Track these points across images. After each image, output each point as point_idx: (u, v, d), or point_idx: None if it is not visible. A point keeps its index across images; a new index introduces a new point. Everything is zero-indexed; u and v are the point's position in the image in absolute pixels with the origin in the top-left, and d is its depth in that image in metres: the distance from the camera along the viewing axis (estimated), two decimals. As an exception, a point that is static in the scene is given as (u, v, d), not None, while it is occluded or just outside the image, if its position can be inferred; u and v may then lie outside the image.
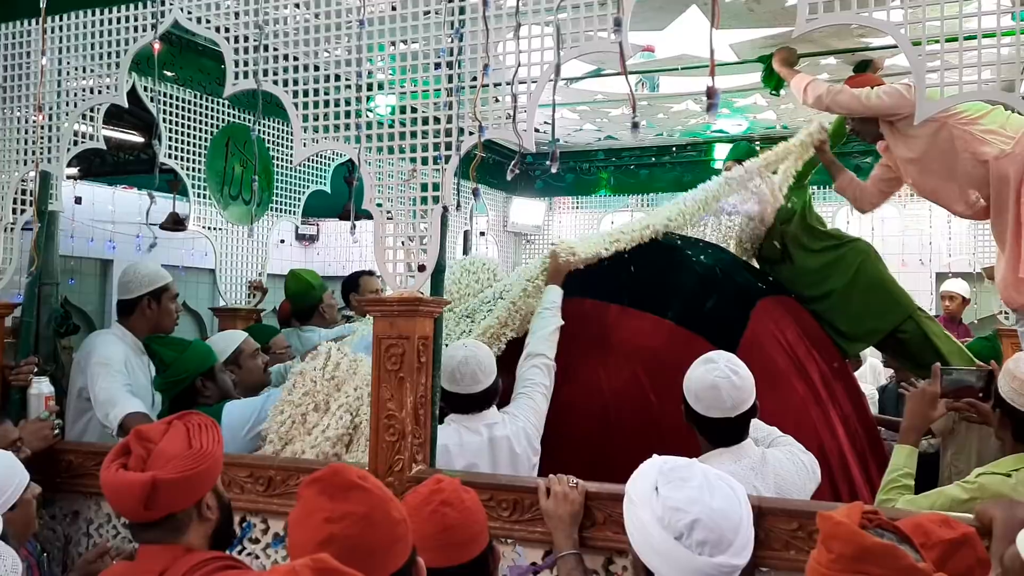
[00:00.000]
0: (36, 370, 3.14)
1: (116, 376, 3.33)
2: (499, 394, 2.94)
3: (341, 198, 6.05)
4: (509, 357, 3.15)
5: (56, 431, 3.05)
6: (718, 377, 2.46)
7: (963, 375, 2.65)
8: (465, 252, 6.95)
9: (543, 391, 3.02)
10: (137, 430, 1.89)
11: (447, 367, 2.82)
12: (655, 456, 1.81)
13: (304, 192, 5.50)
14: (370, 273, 4.91)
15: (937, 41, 2.13)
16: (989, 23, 2.07)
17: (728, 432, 2.50)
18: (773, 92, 4.35)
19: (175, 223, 6.03)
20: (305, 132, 2.75)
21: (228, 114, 4.86)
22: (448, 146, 2.56)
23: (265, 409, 3.08)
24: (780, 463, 2.52)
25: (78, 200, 7.67)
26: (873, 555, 1.32)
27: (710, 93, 1.79)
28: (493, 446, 2.82)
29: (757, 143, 6.36)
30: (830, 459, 3.18)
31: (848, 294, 3.84)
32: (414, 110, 2.63)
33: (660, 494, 1.68)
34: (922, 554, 1.36)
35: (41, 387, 3.09)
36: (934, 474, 3.38)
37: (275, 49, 2.79)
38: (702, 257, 3.63)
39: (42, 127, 3.15)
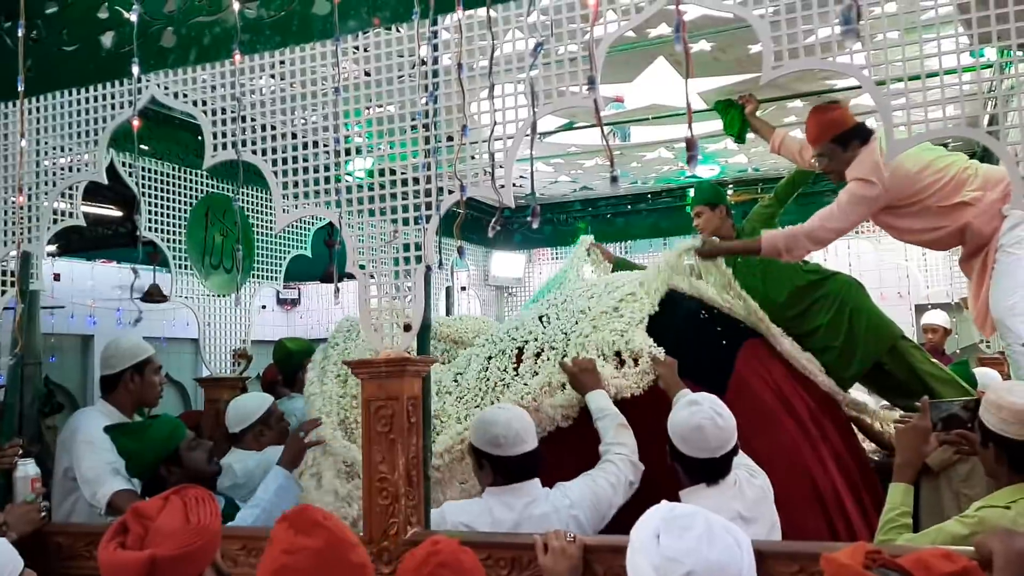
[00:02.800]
0: (21, 452, 3.10)
1: (102, 454, 3.27)
2: (542, 462, 2.82)
3: (321, 261, 6.06)
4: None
5: (43, 513, 2.99)
6: (703, 419, 2.55)
7: (952, 407, 2.65)
8: (448, 309, 6.99)
9: (611, 479, 2.84)
10: (134, 507, 1.86)
11: (488, 432, 2.74)
12: (663, 502, 1.81)
13: (285, 257, 5.51)
14: None
15: (901, 80, 2.19)
16: (950, 61, 2.13)
17: (712, 471, 2.58)
18: (737, 140, 4.41)
19: (154, 295, 6.02)
20: (285, 199, 2.77)
21: (207, 184, 4.88)
22: (428, 206, 2.58)
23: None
24: (755, 487, 2.64)
25: (57, 277, 7.64)
26: (879, 594, 1.31)
27: (690, 145, 1.81)
28: (531, 525, 2.65)
29: (730, 187, 6.48)
30: (824, 496, 3.17)
31: (835, 327, 3.87)
32: (393, 172, 2.65)
33: (660, 542, 1.67)
34: (926, 590, 1.36)
35: (27, 469, 3.03)
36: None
37: (252, 119, 2.82)
38: (685, 301, 3.64)
39: (22, 207, 3.16)
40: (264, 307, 10.14)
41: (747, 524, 2.47)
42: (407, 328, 2.60)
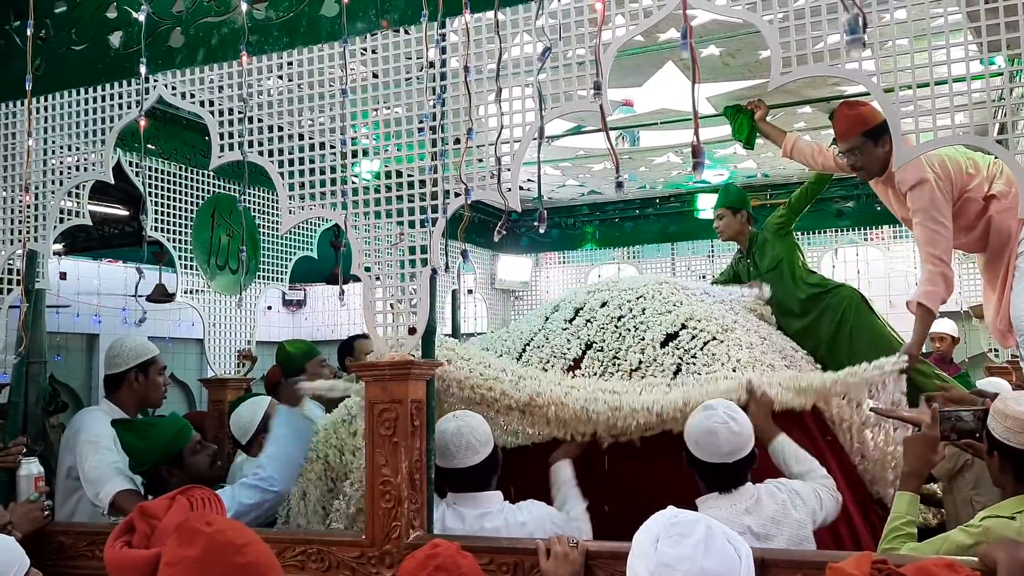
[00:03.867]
0: (25, 451, 3.10)
1: (105, 454, 3.27)
2: (498, 470, 2.77)
3: (327, 262, 6.06)
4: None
5: (46, 512, 2.99)
6: (716, 423, 2.56)
7: (961, 416, 2.63)
8: (453, 312, 6.98)
9: (584, 526, 2.77)
10: (140, 507, 1.87)
11: (439, 441, 2.69)
12: (669, 508, 1.80)
13: (291, 259, 5.51)
14: (365, 336, 4.87)
15: (910, 87, 2.17)
16: (959, 69, 2.12)
17: (726, 477, 2.57)
18: (746, 145, 4.40)
19: (162, 295, 6.02)
20: (291, 200, 2.78)
21: (213, 185, 4.89)
22: (435, 208, 2.58)
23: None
24: (776, 503, 2.58)
25: (63, 275, 7.65)
26: (883, 605, 1.30)
27: (695, 152, 1.80)
28: None
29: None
30: (830, 506, 3.15)
31: (836, 342, 3.86)
32: (399, 174, 2.65)
33: (658, 548, 1.67)
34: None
35: (31, 468, 3.04)
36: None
37: (259, 120, 2.83)
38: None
39: (28, 206, 3.17)
40: (270, 308, 10.14)
41: (758, 541, 2.44)
42: (412, 331, 2.60)
